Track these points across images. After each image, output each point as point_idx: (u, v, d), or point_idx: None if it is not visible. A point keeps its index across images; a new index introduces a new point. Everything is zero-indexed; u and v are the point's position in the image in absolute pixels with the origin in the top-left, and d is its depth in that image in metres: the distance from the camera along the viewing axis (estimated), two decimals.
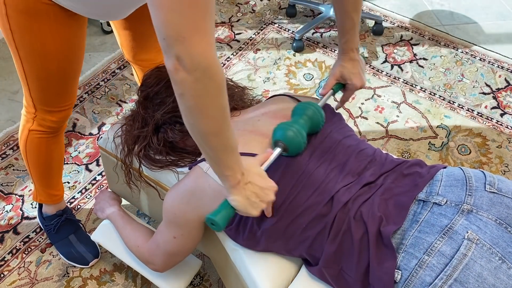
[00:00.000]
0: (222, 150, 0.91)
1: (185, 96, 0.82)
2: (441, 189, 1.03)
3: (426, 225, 0.98)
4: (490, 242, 0.94)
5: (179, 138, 1.22)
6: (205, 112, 0.84)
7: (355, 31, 1.24)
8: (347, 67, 1.27)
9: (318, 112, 1.15)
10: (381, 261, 0.99)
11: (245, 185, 0.96)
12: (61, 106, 1.35)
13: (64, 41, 1.21)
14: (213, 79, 0.81)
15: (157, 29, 0.78)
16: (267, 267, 1.16)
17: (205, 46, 0.78)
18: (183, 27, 0.76)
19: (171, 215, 1.14)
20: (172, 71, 0.80)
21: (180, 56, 0.77)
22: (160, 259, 1.23)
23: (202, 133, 0.88)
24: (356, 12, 1.22)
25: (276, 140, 1.09)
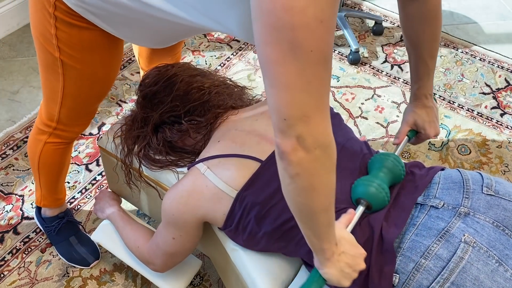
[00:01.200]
0: (327, 226, 0.86)
1: (301, 176, 0.77)
2: (438, 192, 1.03)
3: (423, 228, 0.98)
4: (487, 245, 0.94)
5: (177, 138, 1.22)
6: (318, 190, 0.80)
7: (430, 77, 1.20)
8: (421, 115, 1.23)
9: (398, 163, 1.09)
10: (380, 265, 0.99)
11: (338, 257, 0.91)
12: (88, 120, 1.36)
13: (112, 67, 1.21)
14: (332, 156, 0.78)
15: (276, 109, 0.73)
16: (267, 267, 1.16)
17: (327, 123, 0.75)
18: (310, 106, 0.72)
19: (169, 216, 1.15)
20: (289, 152, 0.74)
21: (301, 136, 0.73)
22: (160, 259, 1.23)
23: (313, 211, 0.83)
24: (431, 58, 1.18)
25: (359, 198, 1.04)
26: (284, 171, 0.78)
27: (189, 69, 1.27)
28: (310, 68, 0.69)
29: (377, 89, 2.26)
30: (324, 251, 0.89)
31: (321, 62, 0.69)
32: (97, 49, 1.14)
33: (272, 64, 0.69)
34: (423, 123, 1.23)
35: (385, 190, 1.03)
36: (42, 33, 1.13)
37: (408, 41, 1.19)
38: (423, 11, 1.13)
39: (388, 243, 0.99)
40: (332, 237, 0.89)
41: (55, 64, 1.16)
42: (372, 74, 2.33)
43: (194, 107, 1.20)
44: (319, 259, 0.91)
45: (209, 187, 1.08)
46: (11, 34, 2.46)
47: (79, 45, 1.12)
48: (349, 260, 0.92)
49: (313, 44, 0.67)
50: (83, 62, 1.16)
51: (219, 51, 2.41)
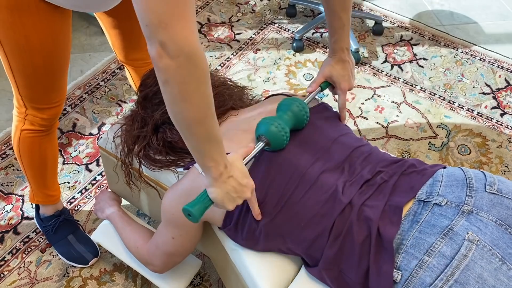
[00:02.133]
0: (206, 140, 0.91)
1: (169, 83, 0.83)
2: (441, 189, 1.03)
3: (426, 225, 0.98)
4: (491, 243, 0.94)
5: (178, 138, 1.22)
6: (189, 99, 0.85)
7: (345, 30, 1.23)
8: (337, 68, 1.26)
9: (302, 108, 1.15)
10: (379, 264, 0.99)
11: (227, 179, 0.97)
12: (50, 103, 1.34)
13: (49, 35, 1.20)
14: (197, 65, 0.82)
15: (139, 16, 0.79)
16: (267, 267, 1.16)
17: (188, 32, 0.79)
18: (166, 13, 0.77)
19: (169, 216, 1.15)
20: (156, 58, 0.80)
21: (163, 42, 0.78)
22: (159, 260, 1.23)
23: (186, 122, 0.88)
24: (344, 11, 1.20)
25: (259, 135, 1.10)
26: (158, 78, 0.84)
27: None
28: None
29: (377, 89, 2.26)
30: (210, 169, 0.94)
31: None
32: (27, 13, 1.14)
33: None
34: (338, 76, 1.26)
35: (285, 130, 1.09)
36: None
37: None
38: None
39: (387, 242, 0.99)
40: (218, 157, 0.94)
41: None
42: (372, 74, 2.33)
43: None
44: (207, 178, 0.97)
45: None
46: None
47: (7, 9, 1.12)
48: (236, 185, 0.98)
49: None
50: (14, 27, 1.15)
51: (219, 51, 2.41)
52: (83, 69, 2.30)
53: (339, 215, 1.03)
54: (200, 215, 0.99)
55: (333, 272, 1.05)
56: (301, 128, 1.16)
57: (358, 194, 1.06)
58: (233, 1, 2.70)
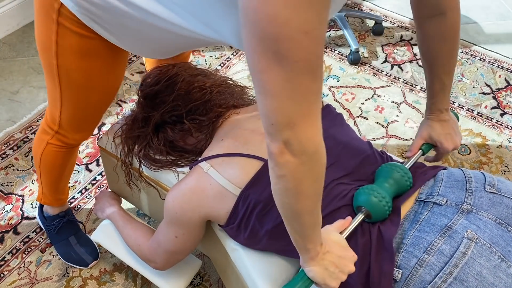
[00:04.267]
0: (312, 227, 0.88)
1: (286, 178, 0.79)
2: (441, 189, 1.03)
3: (426, 224, 0.98)
4: (490, 241, 0.94)
5: (179, 137, 1.22)
6: (304, 194, 0.81)
7: (445, 93, 1.18)
8: (436, 128, 1.21)
9: (405, 175, 1.07)
10: (380, 264, 0.99)
11: (323, 255, 0.91)
12: (89, 129, 1.34)
13: (110, 75, 1.20)
14: (319, 162, 0.79)
15: (264, 114, 0.75)
16: (267, 267, 1.16)
17: (314, 131, 0.76)
18: (295, 114, 0.73)
19: (172, 214, 1.14)
20: (276, 154, 0.77)
21: (288, 141, 0.75)
22: (161, 257, 1.23)
23: (297, 213, 0.85)
24: (447, 75, 1.16)
25: (358, 206, 1.03)
26: (272, 171, 0.80)
27: (190, 69, 1.27)
28: (295, 78, 0.70)
29: (377, 89, 2.26)
30: (308, 251, 0.90)
31: (307, 72, 0.70)
32: (96, 58, 1.13)
33: (259, 72, 0.71)
34: (439, 136, 1.21)
35: (386, 200, 1.02)
36: (43, 38, 1.12)
37: (424, 58, 1.17)
38: (441, 30, 1.11)
39: (387, 242, 0.99)
40: (317, 238, 0.90)
41: (53, 71, 1.16)
42: (372, 74, 2.33)
43: (195, 107, 1.21)
44: (303, 258, 0.92)
45: (213, 185, 1.08)
46: (11, 34, 2.46)
47: (78, 54, 1.11)
48: (335, 259, 0.92)
49: (298, 55, 0.68)
50: (80, 71, 1.14)
51: (219, 51, 2.41)
52: None
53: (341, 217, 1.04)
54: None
55: None
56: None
57: None
58: None
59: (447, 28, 1.11)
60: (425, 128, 1.23)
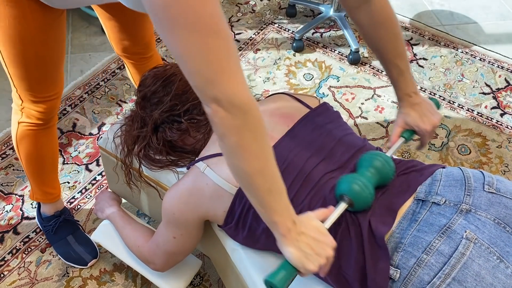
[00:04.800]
0: (268, 192, 0.88)
1: (226, 136, 0.83)
2: (440, 188, 1.03)
3: (424, 224, 0.98)
4: (488, 241, 0.94)
5: (177, 137, 1.23)
6: (247, 150, 0.84)
7: (406, 77, 1.17)
8: (410, 113, 1.20)
9: (387, 164, 1.06)
10: (375, 261, 1.00)
11: (297, 236, 0.91)
12: (45, 96, 1.34)
13: (40, 27, 1.20)
14: (251, 114, 0.82)
15: (188, 79, 0.82)
16: (267, 267, 1.16)
17: (235, 85, 0.80)
18: (211, 72, 0.79)
19: (170, 215, 1.15)
20: (211, 114, 0.81)
21: (215, 98, 0.80)
22: (160, 258, 1.23)
23: (247, 173, 0.86)
24: (399, 59, 1.16)
25: (341, 194, 1.01)
26: (216, 134, 0.85)
27: None
28: (196, 39, 0.76)
29: (377, 89, 2.26)
30: (276, 225, 0.90)
31: (205, 31, 0.76)
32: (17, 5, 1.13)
33: (166, 41, 0.79)
34: (414, 120, 1.20)
35: (369, 189, 1.01)
36: None
37: (371, 48, 1.18)
38: (371, 17, 1.12)
39: (379, 239, 0.99)
40: (282, 211, 0.90)
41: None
42: (372, 74, 2.33)
43: (193, 106, 1.21)
44: (276, 236, 0.92)
45: (209, 185, 1.09)
46: None
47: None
48: (310, 241, 0.91)
49: (188, 17, 0.75)
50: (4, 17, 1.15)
51: None
52: (83, 69, 2.30)
53: None
54: (284, 286, 0.89)
55: (333, 269, 1.06)
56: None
57: None
58: (233, 1, 2.70)
59: (376, 14, 1.12)
60: (400, 116, 1.22)
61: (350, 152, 1.13)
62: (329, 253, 0.92)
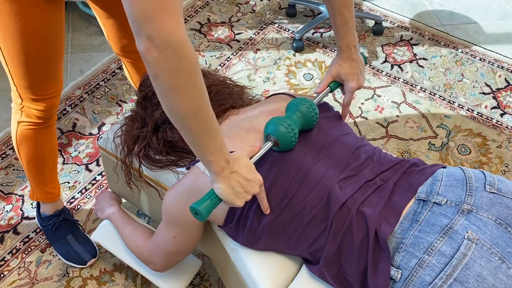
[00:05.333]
0: (202, 133, 0.91)
1: (160, 77, 0.83)
2: (441, 188, 1.03)
3: (426, 224, 0.98)
4: (490, 242, 0.94)
5: (178, 137, 1.22)
6: (181, 92, 0.85)
7: (349, 27, 1.22)
8: (345, 66, 1.25)
9: (312, 109, 1.14)
10: (376, 263, 1.00)
11: (230, 174, 0.96)
12: (44, 94, 1.33)
13: (40, 23, 1.20)
14: (185, 57, 0.82)
15: (127, 12, 0.81)
16: (267, 267, 1.16)
17: (174, 24, 0.80)
18: (151, 7, 0.78)
19: (170, 215, 1.15)
20: (144, 52, 0.81)
21: (150, 36, 0.79)
22: (160, 259, 1.23)
23: (180, 115, 0.88)
24: (346, 7, 1.20)
25: (268, 134, 1.09)
26: (149, 74, 0.84)
27: None
28: None
29: (377, 89, 2.26)
30: (211, 164, 0.94)
31: None
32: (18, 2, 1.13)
33: None
34: (346, 75, 1.24)
35: (294, 131, 1.08)
36: None
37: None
38: None
39: (382, 240, 0.99)
40: (217, 151, 0.93)
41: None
42: (372, 74, 2.33)
43: None
44: (210, 174, 0.97)
45: (210, 185, 1.08)
46: None
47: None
48: (242, 180, 0.97)
49: None
50: (4, 12, 1.14)
51: (219, 51, 2.41)
52: (83, 69, 2.30)
53: (337, 212, 1.04)
54: (207, 213, 0.97)
55: (333, 269, 1.06)
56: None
57: (358, 193, 1.06)
58: (233, 1, 2.70)
59: None
60: (334, 66, 1.26)
61: (348, 152, 1.14)
62: (255, 190, 0.99)
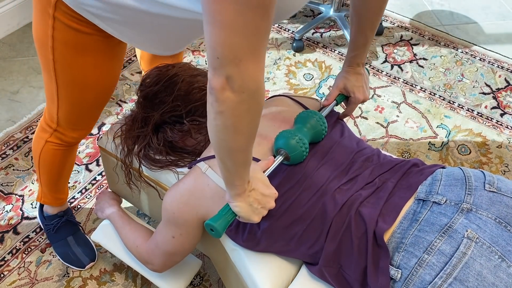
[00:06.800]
0: (243, 165, 0.91)
1: (225, 115, 0.80)
2: (440, 188, 1.03)
3: (425, 224, 0.98)
4: (490, 240, 0.94)
5: (178, 138, 1.22)
6: (240, 130, 0.83)
7: (366, 48, 1.24)
8: (351, 80, 1.26)
9: (321, 122, 1.15)
10: (376, 261, 1.00)
11: (249, 192, 0.96)
12: (86, 127, 1.34)
13: (106, 72, 1.20)
14: (258, 102, 0.81)
15: (210, 47, 0.75)
16: (267, 267, 1.16)
17: (258, 70, 0.77)
18: (243, 50, 0.74)
19: (170, 215, 1.14)
20: (217, 89, 0.77)
21: (231, 77, 0.76)
22: (159, 259, 1.23)
23: (230, 150, 0.87)
24: (371, 30, 1.22)
25: (278, 148, 1.09)
26: (211, 106, 0.81)
27: (190, 69, 1.27)
28: (247, 12, 0.71)
29: (377, 89, 2.26)
30: (235, 187, 0.94)
31: (259, 8, 0.71)
32: (92, 54, 1.13)
33: (211, 0, 0.72)
34: (352, 87, 1.27)
35: (305, 145, 1.09)
36: (39, 33, 1.12)
37: (355, 12, 1.21)
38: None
39: (379, 239, 0.99)
40: (246, 176, 0.94)
41: (49, 66, 1.16)
42: (372, 74, 2.33)
43: (195, 107, 1.21)
44: (230, 193, 0.96)
45: (211, 186, 1.09)
46: (11, 34, 2.46)
47: (73, 49, 1.11)
48: (259, 197, 0.97)
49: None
50: (76, 66, 1.15)
51: None
52: None
53: (338, 213, 1.04)
54: (223, 230, 0.97)
55: (333, 269, 1.06)
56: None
57: (357, 194, 1.06)
58: None
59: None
60: (341, 80, 1.28)
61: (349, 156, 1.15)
62: (272, 205, 1.00)
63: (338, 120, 1.27)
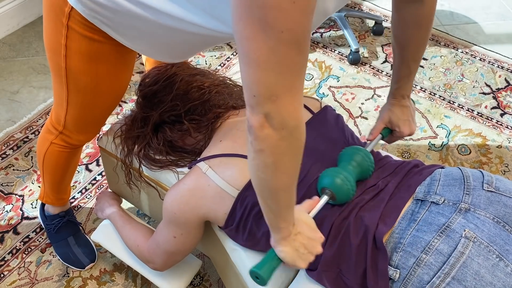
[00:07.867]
0: (287, 206, 0.88)
1: (265, 153, 0.78)
2: (439, 188, 1.03)
3: (423, 223, 0.98)
4: (488, 240, 0.94)
5: (178, 137, 1.23)
6: (281, 169, 0.81)
7: (410, 79, 1.21)
8: (396, 113, 1.23)
9: (367, 158, 1.09)
10: (375, 264, 0.99)
11: (295, 236, 0.92)
12: (93, 131, 1.35)
13: (117, 79, 1.20)
14: (299, 138, 0.79)
15: (247, 85, 0.74)
16: None
17: (296, 106, 0.75)
18: (278, 87, 0.72)
19: (170, 215, 1.15)
20: (256, 127, 0.75)
21: (269, 114, 0.74)
22: (160, 258, 1.23)
23: (272, 189, 0.84)
24: (414, 62, 1.19)
25: (323, 187, 1.04)
26: (250, 145, 0.79)
27: (189, 69, 1.27)
28: (281, 49, 0.69)
29: (377, 89, 2.26)
30: (280, 230, 0.90)
31: (293, 43, 0.70)
32: (104, 62, 1.14)
33: (244, 40, 0.70)
34: (398, 121, 1.24)
35: (351, 182, 1.03)
36: (52, 41, 1.12)
37: (396, 43, 1.19)
38: (418, 16, 1.13)
39: (378, 241, 0.99)
40: (290, 218, 0.90)
41: (61, 73, 1.16)
42: (372, 74, 2.33)
43: (194, 107, 1.21)
44: (275, 238, 0.92)
45: (211, 186, 1.09)
46: (11, 34, 2.46)
47: (86, 57, 1.11)
48: (305, 241, 0.93)
49: (284, 25, 0.67)
50: (88, 74, 1.15)
51: (219, 51, 2.41)
52: None
53: (338, 217, 1.04)
54: (269, 277, 0.92)
55: (332, 273, 1.05)
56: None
57: (358, 199, 1.06)
58: None
59: (423, 15, 1.12)
60: (386, 113, 1.25)
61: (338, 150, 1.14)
62: (319, 250, 0.95)
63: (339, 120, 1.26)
